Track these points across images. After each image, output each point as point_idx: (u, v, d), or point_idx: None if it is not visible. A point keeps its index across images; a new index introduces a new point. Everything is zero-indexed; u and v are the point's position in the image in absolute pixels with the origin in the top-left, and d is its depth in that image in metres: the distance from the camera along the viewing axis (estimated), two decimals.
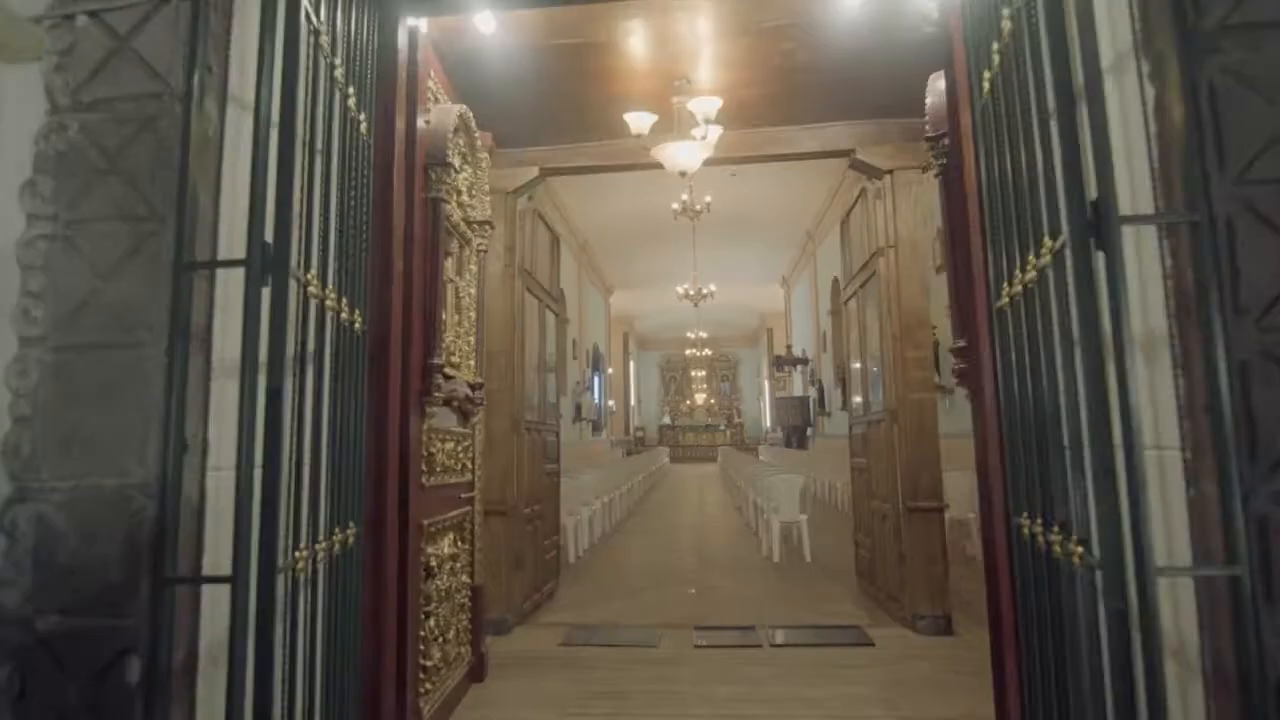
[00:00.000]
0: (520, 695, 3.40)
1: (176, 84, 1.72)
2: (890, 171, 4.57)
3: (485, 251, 3.88)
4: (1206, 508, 1.46)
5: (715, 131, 4.44)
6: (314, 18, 1.85)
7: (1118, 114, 1.64)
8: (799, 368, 15.99)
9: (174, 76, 1.72)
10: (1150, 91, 1.58)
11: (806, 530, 6.94)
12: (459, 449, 3.44)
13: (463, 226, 3.57)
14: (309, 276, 1.83)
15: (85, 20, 1.75)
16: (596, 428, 15.63)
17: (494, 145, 4.06)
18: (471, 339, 3.71)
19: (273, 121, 1.66)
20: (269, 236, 1.63)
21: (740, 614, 4.88)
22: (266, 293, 1.61)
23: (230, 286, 1.71)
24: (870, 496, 5.12)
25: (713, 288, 14.21)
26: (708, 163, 4.82)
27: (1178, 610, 1.56)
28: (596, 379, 15.79)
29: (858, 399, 5.93)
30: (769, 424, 22.16)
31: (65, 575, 1.59)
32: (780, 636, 4.31)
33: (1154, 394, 1.58)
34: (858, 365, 5.88)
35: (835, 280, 9.31)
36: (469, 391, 3.49)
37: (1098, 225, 1.47)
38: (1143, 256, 1.61)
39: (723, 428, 26.13)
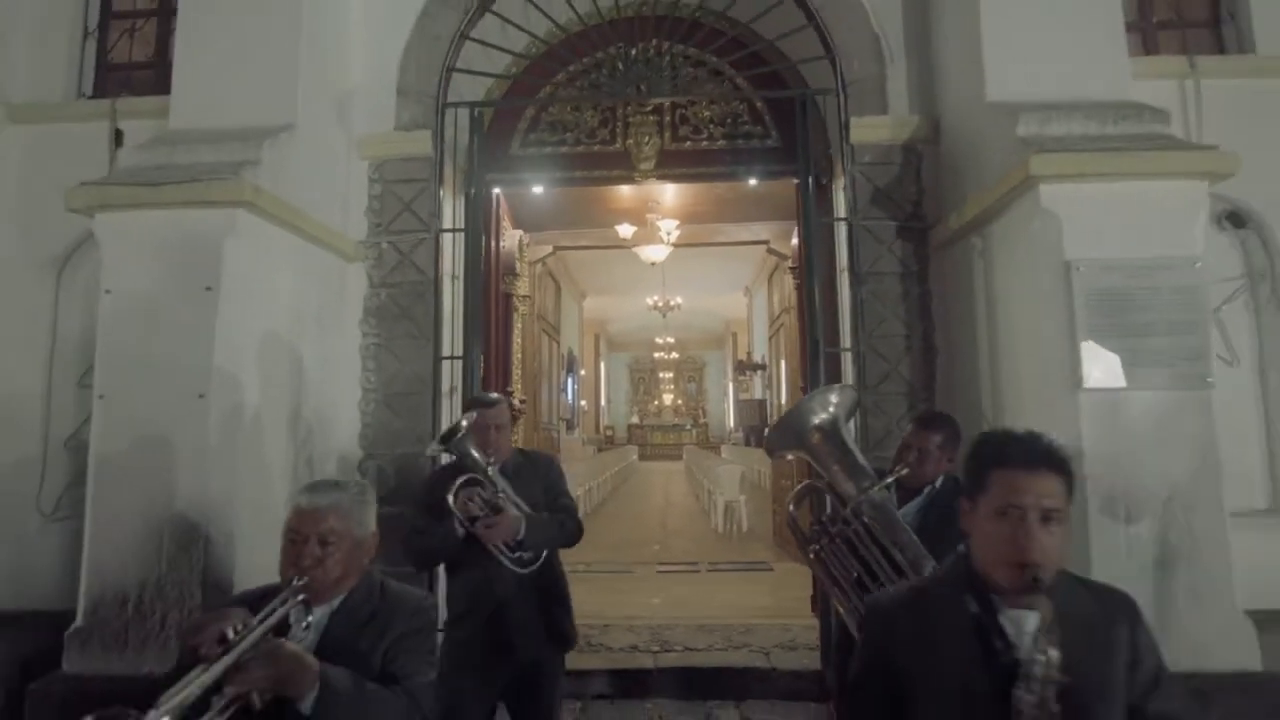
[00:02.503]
0: None
1: (429, 274, 3.86)
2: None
3: (527, 315, 6.04)
4: None
5: (675, 235, 6.66)
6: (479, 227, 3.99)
7: (843, 301, 3.86)
8: (759, 373, 16.73)
9: (429, 271, 3.86)
10: (848, 294, 3.80)
11: (744, 508, 9.15)
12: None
13: (516, 301, 5.72)
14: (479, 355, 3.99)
15: (386, 245, 3.88)
16: (570, 426, 16.66)
17: (528, 240, 6.21)
18: (519, 371, 5.86)
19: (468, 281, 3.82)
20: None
21: (688, 558, 7.09)
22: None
23: (453, 364, 3.85)
24: (781, 477, 7.36)
25: (679, 300, 15.57)
26: (670, 253, 7.09)
27: None
28: (570, 380, 16.63)
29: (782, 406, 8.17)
30: (732, 424, 22.81)
31: (390, 492, 3.72)
32: (714, 567, 6.53)
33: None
34: (781, 384, 8.12)
35: None
36: (519, 406, 5.64)
37: (815, 351, 3.70)
38: (852, 365, 3.83)
39: (689, 427, 26.56)
